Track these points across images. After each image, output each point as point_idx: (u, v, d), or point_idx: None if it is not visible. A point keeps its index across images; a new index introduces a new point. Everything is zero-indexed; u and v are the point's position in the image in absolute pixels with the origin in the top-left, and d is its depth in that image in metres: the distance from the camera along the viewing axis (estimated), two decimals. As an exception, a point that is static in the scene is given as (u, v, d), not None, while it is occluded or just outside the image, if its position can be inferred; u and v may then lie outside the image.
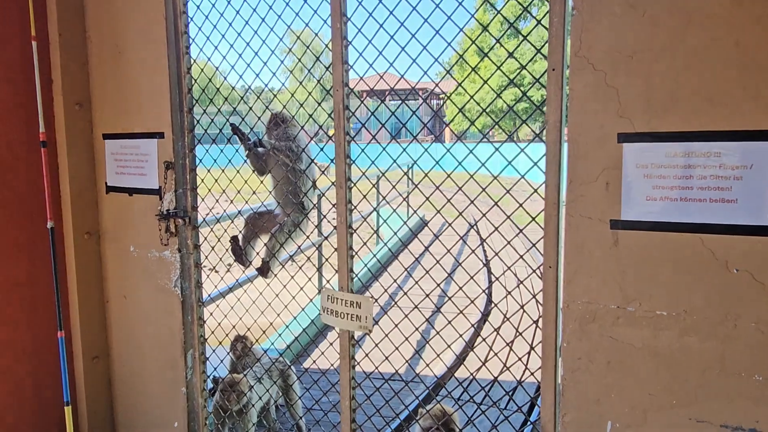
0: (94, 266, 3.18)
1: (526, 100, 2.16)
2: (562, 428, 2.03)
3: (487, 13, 25.12)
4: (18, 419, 2.96)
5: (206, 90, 2.95)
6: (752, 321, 1.70)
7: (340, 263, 2.51)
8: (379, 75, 2.48)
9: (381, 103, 2.62)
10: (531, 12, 2.12)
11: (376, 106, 2.67)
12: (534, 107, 2.12)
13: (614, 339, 1.91)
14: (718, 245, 1.73)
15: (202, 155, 2.97)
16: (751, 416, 1.73)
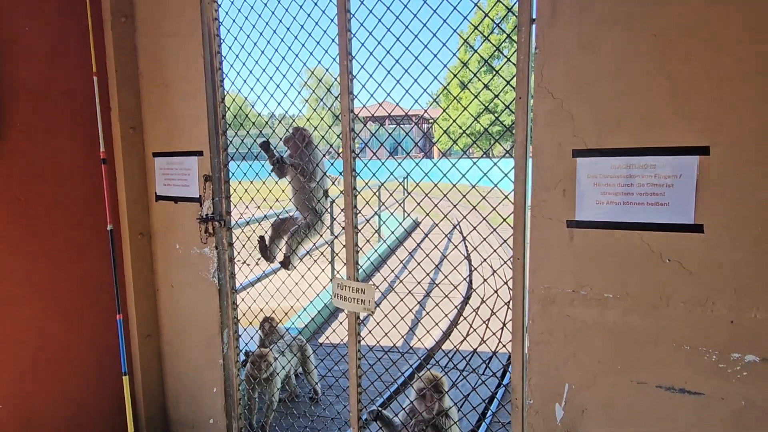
0: (146, 261, 3.22)
1: (500, 123, 2.20)
2: (528, 390, 2.07)
3: (468, 52, 25.13)
4: (84, 386, 3.01)
5: (238, 116, 3.00)
6: (681, 301, 1.75)
7: (348, 257, 2.55)
8: (378, 103, 2.52)
9: (380, 126, 2.66)
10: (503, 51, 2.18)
11: (376, 128, 2.72)
12: (505, 129, 2.16)
13: (570, 317, 1.95)
14: (653, 240, 1.77)
15: (234, 169, 3.02)
16: (680, 378, 1.78)
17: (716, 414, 1.73)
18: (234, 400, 3.09)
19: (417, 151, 35.94)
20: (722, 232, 1.66)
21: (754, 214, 1.62)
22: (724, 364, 1.70)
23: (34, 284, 2.76)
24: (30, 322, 2.76)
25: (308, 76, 2.86)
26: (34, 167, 2.70)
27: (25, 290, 2.72)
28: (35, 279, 2.75)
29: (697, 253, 1.70)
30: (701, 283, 1.71)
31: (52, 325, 2.85)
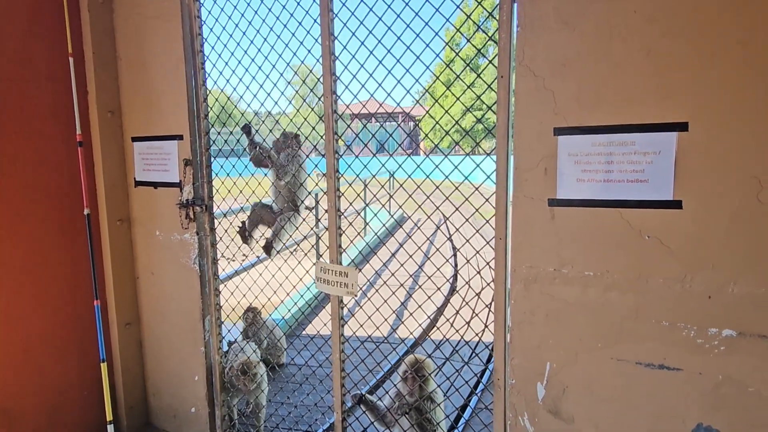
0: (125, 248, 3.16)
1: (484, 120, 2.19)
2: (510, 369, 2.07)
3: (453, 52, 25.07)
4: (63, 373, 2.95)
5: (221, 115, 2.96)
6: (660, 278, 1.76)
7: (331, 240, 2.53)
8: (362, 104, 2.50)
9: (363, 127, 2.65)
10: (485, 54, 2.16)
11: (362, 127, 2.70)
12: (488, 130, 2.14)
13: (551, 296, 1.95)
14: (633, 217, 1.77)
15: (218, 170, 2.98)
16: (660, 354, 1.79)
17: (695, 389, 1.74)
18: (216, 389, 3.06)
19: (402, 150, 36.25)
20: (700, 208, 1.67)
21: (732, 189, 1.63)
22: (702, 339, 1.71)
23: (9, 268, 2.69)
24: (5, 308, 2.69)
25: (292, 75, 2.83)
26: (8, 149, 2.63)
27: (0, 275, 2.66)
28: (10, 263, 2.69)
29: (676, 229, 1.71)
30: (680, 259, 1.72)
31: (28, 311, 2.79)
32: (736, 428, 1.70)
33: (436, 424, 2.43)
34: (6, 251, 2.66)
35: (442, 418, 2.47)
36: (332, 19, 2.37)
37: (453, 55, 26.68)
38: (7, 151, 2.62)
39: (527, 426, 2.06)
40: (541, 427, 2.03)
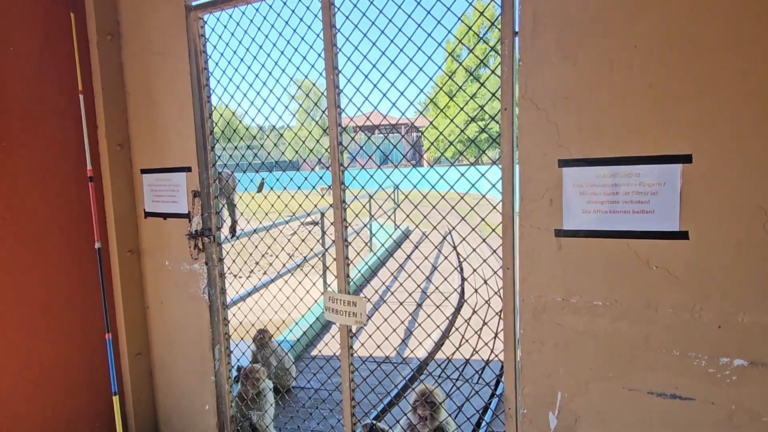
0: (135, 278, 3.18)
1: (486, 132, 2.21)
2: (521, 399, 2.06)
3: (454, 64, 25.37)
4: (74, 406, 2.95)
5: (225, 131, 2.99)
6: (669, 307, 1.76)
7: (339, 271, 2.54)
8: (366, 116, 2.52)
9: (368, 138, 2.67)
10: (487, 64, 2.19)
11: (365, 141, 2.72)
12: (492, 139, 2.17)
13: (560, 325, 1.95)
14: (640, 247, 1.78)
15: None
16: (671, 384, 1.78)
17: (707, 419, 1.73)
18: (227, 417, 3.05)
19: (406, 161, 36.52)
20: (707, 238, 1.68)
21: (738, 219, 1.64)
22: (714, 368, 1.71)
23: (22, 303, 2.71)
24: (18, 341, 2.71)
25: (295, 90, 2.86)
26: (20, 186, 2.66)
27: (13, 308, 2.68)
28: (23, 297, 2.71)
29: (683, 259, 1.72)
30: (688, 288, 1.72)
31: (40, 345, 2.80)
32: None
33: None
34: (19, 285, 2.68)
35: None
36: (335, 34, 2.39)
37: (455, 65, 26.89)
38: (20, 187, 2.65)
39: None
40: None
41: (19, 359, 2.72)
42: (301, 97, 2.97)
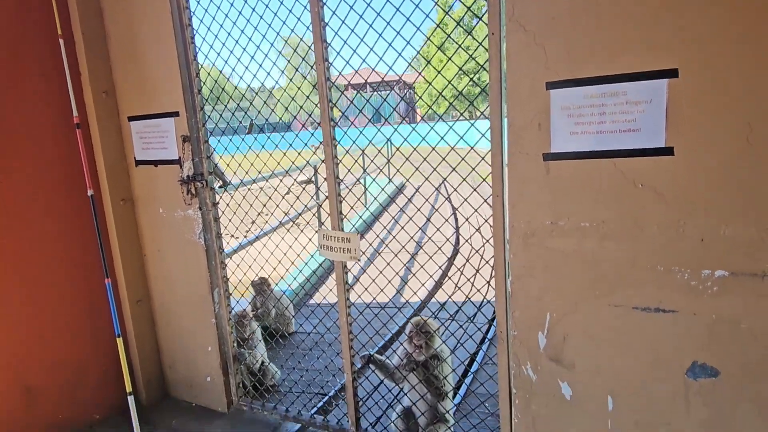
0: (131, 227, 3.21)
1: (477, 80, 2.19)
2: (512, 322, 2.13)
3: (443, 13, 24.64)
4: (78, 350, 3.04)
5: (214, 89, 2.94)
6: (655, 225, 1.79)
7: (331, 208, 2.57)
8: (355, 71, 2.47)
9: (357, 93, 2.63)
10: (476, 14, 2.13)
11: (355, 95, 2.68)
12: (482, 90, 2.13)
13: (549, 248, 1.99)
14: (627, 167, 1.80)
15: (214, 144, 3.00)
16: (655, 298, 1.84)
17: (690, 329, 1.80)
18: (229, 357, 3.15)
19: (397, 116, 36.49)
20: (692, 153, 1.70)
21: (722, 133, 1.65)
22: (696, 281, 1.76)
23: (20, 252, 2.75)
24: (18, 289, 2.76)
25: (282, 45, 2.80)
26: (8, 133, 2.64)
27: (11, 259, 2.71)
28: (20, 248, 2.74)
29: (669, 176, 1.74)
30: (673, 205, 1.75)
31: (42, 292, 2.86)
32: (729, 364, 1.77)
33: (443, 378, 2.52)
34: (16, 235, 2.71)
35: (448, 373, 2.56)
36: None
37: (444, 15, 26.18)
38: (9, 135, 2.64)
39: (530, 374, 2.14)
40: (544, 375, 2.11)
41: (20, 306, 2.78)
42: (289, 54, 2.90)
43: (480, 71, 2.07)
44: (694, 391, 1.83)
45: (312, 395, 3.29)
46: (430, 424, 2.55)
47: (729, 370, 1.77)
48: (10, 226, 2.70)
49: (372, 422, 2.86)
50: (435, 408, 2.56)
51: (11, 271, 2.73)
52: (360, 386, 2.86)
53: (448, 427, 2.56)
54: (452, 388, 2.67)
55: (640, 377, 1.92)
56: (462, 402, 3.10)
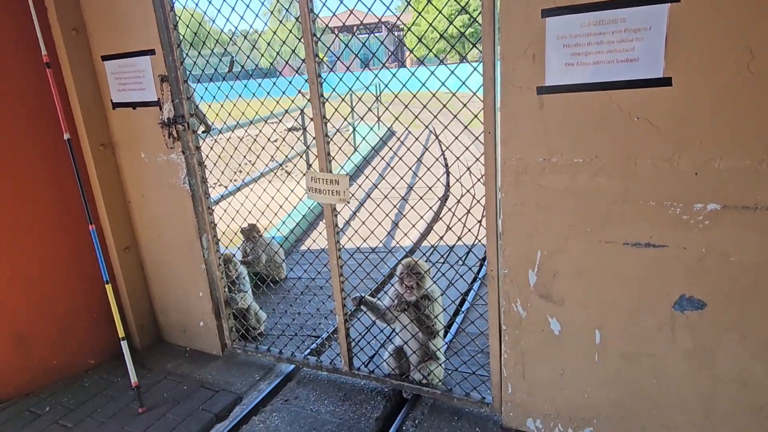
0: (112, 172, 3.13)
1: (474, 26, 2.07)
2: (503, 260, 2.14)
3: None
4: (68, 296, 3.04)
5: (198, 34, 2.78)
6: (648, 159, 1.76)
7: (319, 149, 2.50)
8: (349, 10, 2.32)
9: (353, 36, 2.50)
10: None
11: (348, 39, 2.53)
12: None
13: (541, 185, 1.97)
14: (622, 99, 1.74)
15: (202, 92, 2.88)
16: (646, 233, 1.84)
17: (679, 263, 1.81)
18: (221, 302, 3.16)
19: (391, 60, 35.33)
20: (690, 84, 1.64)
21: (723, 62, 1.59)
22: (688, 215, 1.76)
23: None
24: (2, 239, 2.72)
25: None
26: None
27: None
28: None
29: (665, 108, 1.69)
30: (668, 138, 1.71)
31: (24, 239, 2.81)
32: (716, 296, 1.79)
33: (434, 318, 2.55)
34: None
35: (439, 312, 2.59)
36: None
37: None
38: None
39: (520, 311, 2.17)
40: (533, 312, 2.14)
41: (6, 254, 2.74)
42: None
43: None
44: (680, 323, 1.87)
45: (305, 337, 3.34)
46: (422, 362, 2.61)
47: (716, 302, 1.80)
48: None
49: (365, 361, 2.93)
50: (426, 346, 2.61)
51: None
52: (352, 327, 2.90)
53: (439, 364, 2.62)
54: (443, 327, 2.72)
55: (628, 311, 1.96)
56: (453, 340, 3.17)
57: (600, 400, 2.12)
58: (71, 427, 2.62)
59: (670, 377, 1.95)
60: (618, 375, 2.05)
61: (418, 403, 2.64)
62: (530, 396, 2.27)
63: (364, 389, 2.78)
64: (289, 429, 2.49)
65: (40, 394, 2.93)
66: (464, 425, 2.43)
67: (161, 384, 2.97)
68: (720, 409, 1.90)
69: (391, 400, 2.69)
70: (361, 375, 2.77)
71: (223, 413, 2.70)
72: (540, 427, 2.30)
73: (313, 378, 2.93)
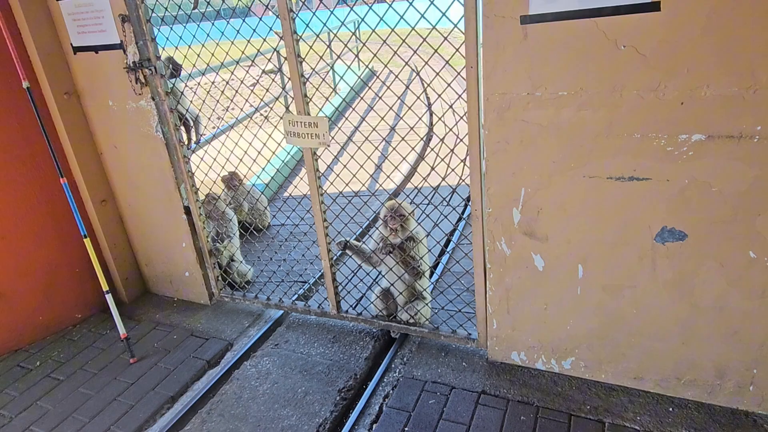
0: (80, 123, 3.00)
1: None
2: (487, 199, 2.13)
3: None
4: (46, 252, 2.98)
5: None
6: (634, 89, 1.72)
7: (295, 90, 2.40)
8: None
9: None
10: None
11: None
12: None
13: (525, 121, 1.92)
14: (609, 26, 1.68)
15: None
16: (630, 167, 1.83)
17: (661, 195, 1.82)
18: (205, 252, 3.15)
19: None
20: (679, 7, 1.58)
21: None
22: (672, 146, 1.74)
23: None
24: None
25: None
26: None
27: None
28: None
29: (653, 35, 1.63)
30: (654, 66, 1.67)
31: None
32: (697, 226, 1.81)
33: (419, 259, 2.57)
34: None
35: (424, 253, 2.61)
36: None
37: None
38: None
39: (504, 249, 2.18)
40: (518, 249, 2.16)
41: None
42: None
43: None
44: (661, 254, 1.90)
45: (292, 283, 3.36)
46: (408, 302, 2.65)
47: (696, 232, 1.83)
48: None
49: (352, 304, 2.97)
50: (413, 287, 2.64)
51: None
52: (338, 271, 2.92)
53: (426, 304, 2.67)
54: (429, 268, 2.75)
55: (610, 245, 1.98)
56: (439, 279, 3.22)
57: (582, 331, 2.19)
58: (63, 380, 2.65)
59: (649, 307, 2.01)
60: (599, 307, 2.10)
61: (406, 341, 2.71)
62: (515, 330, 2.33)
63: (353, 331, 2.84)
64: (280, 372, 2.55)
65: (29, 349, 2.94)
66: (451, 360, 2.51)
67: (151, 334, 2.99)
68: (697, 335, 1.98)
69: (379, 340, 2.75)
70: (349, 317, 2.82)
71: (214, 360, 2.74)
72: (524, 359, 2.38)
73: (302, 322, 2.98)
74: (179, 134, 2.86)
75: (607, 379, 2.23)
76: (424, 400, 2.27)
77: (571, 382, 2.27)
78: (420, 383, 2.37)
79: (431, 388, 2.33)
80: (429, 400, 2.26)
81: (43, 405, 2.49)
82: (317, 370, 2.54)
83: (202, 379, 2.62)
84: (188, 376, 2.60)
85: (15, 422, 2.40)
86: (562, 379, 2.29)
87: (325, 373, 2.51)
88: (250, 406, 2.35)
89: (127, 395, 2.50)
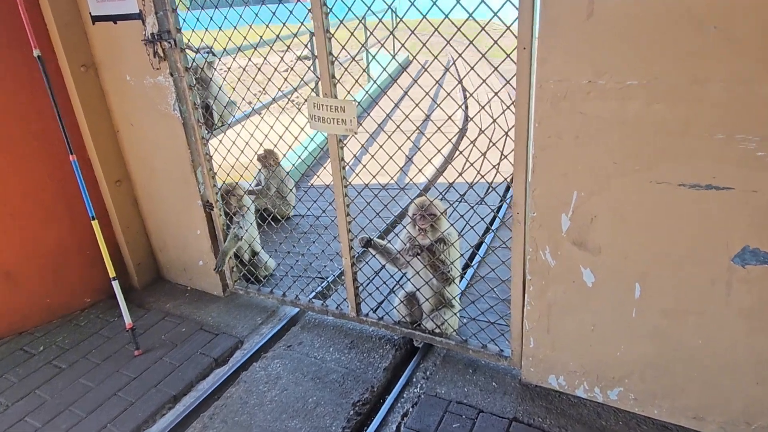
0: (97, 97, 2.89)
1: None
2: (532, 201, 1.89)
3: None
4: (56, 234, 2.90)
5: None
6: (720, 80, 1.46)
7: (322, 70, 2.21)
8: None
9: None
10: None
11: None
12: None
13: (583, 114, 1.68)
14: (696, 2, 1.41)
15: None
16: (708, 173, 1.57)
17: (745, 208, 1.55)
18: (220, 241, 3.01)
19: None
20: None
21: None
22: (764, 152, 1.47)
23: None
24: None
25: None
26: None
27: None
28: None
29: (753, 14, 1.37)
30: (748, 52, 1.40)
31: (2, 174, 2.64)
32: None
33: (450, 263, 2.35)
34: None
35: (456, 258, 2.39)
36: None
37: None
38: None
39: (549, 260, 1.95)
40: (564, 260, 1.92)
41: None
42: None
43: None
44: (739, 277, 1.63)
45: (309, 279, 3.19)
46: (435, 310, 2.45)
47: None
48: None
49: (373, 307, 2.78)
50: (440, 294, 2.43)
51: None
52: (360, 271, 2.73)
53: (454, 313, 2.46)
54: (459, 274, 2.53)
55: (676, 263, 1.72)
56: (469, 286, 2.99)
57: (634, 359, 1.94)
58: (65, 369, 2.56)
59: (719, 337, 1.75)
60: (657, 332, 1.85)
61: (430, 353, 2.51)
62: (554, 351, 2.10)
63: (372, 336, 2.65)
64: (291, 377, 2.39)
65: (35, 332, 2.87)
66: (479, 378, 2.29)
67: (159, 325, 2.87)
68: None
69: (400, 349, 2.56)
70: (369, 321, 2.63)
71: (222, 358, 2.60)
72: (563, 384, 2.15)
73: (319, 323, 2.81)
74: (197, 114, 2.71)
75: (661, 415, 1.97)
76: (448, 422, 2.06)
77: (618, 415, 2.02)
78: (444, 402, 2.17)
79: (456, 410, 2.12)
80: (453, 423, 2.06)
81: (41, 394, 2.40)
82: (331, 379, 2.36)
83: (208, 378, 2.48)
84: (193, 375, 2.47)
85: (11, 411, 2.31)
86: (606, 411, 2.05)
87: (339, 382, 2.33)
88: (256, 413, 2.19)
89: (128, 391, 2.38)
